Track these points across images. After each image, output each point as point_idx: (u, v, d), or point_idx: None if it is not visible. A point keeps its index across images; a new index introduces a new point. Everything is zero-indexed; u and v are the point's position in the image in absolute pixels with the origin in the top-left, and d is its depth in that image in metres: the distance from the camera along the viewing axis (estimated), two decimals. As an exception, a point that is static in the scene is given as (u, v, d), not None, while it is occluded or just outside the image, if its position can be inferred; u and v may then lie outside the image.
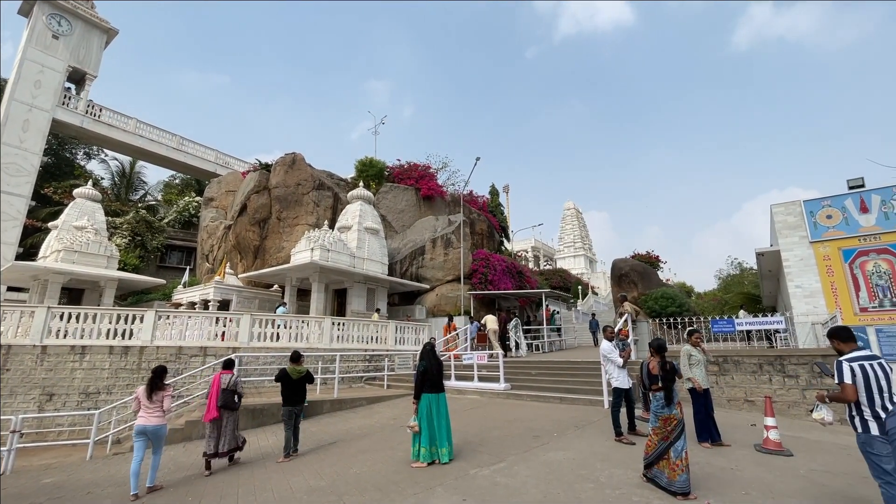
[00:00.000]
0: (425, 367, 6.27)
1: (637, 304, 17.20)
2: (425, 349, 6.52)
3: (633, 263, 22.87)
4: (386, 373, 13.76)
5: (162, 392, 6.15)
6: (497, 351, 14.19)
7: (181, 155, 31.75)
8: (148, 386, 6.15)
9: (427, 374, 6.22)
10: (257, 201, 21.20)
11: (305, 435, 8.40)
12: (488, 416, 8.96)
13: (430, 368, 6.26)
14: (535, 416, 8.54)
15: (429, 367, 6.27)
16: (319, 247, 16.74)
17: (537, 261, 60.24)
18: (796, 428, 7.58)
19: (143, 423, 6.00)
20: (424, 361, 6.33)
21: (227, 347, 12.41)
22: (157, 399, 6.09)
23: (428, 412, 6.12)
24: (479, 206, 27.42)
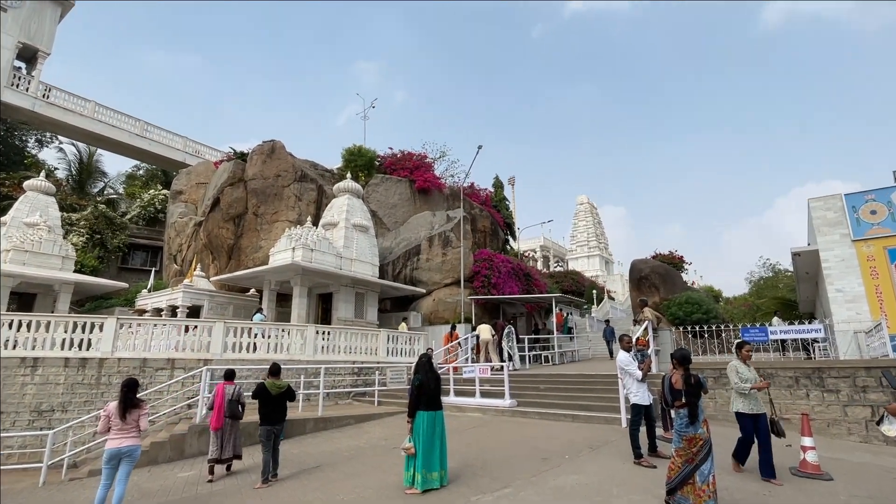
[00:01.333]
0: (421, 381, 6.24)
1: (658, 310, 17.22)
2: (421, 361, 6.52)
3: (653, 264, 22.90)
4: (377, 388, 13.76)
5: (137, 410, 6.04)
6: (498, 363, 14.20)
7: (146, 142, 31.70)
8: (121, 403, 5.96)
9: (423, 390, 6.21)
10: (232, 195, 21.18)
11: (286, 457, 8.38)
12: (492, 435, 8.96)
13: (427, 383, 6.24)
14: (544, 436, 8.53)
15: (424, 381, 6.24)
16: (301, 246, 16.73)
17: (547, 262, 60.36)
18: (836, 449, 7.60)
19: (116, 446, 5.83)
20: (420, 375, 6.31)
21: (198, 359, 12.39)
22: (131, 419, 5.95)
23: (424, 432, 6.09)
24: (481, 201, 27.44)
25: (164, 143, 32.72)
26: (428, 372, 6.35)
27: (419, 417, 6.13)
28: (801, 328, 10.89)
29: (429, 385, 6.24)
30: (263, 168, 21.47)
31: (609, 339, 19.34)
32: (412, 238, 22.30)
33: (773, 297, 26.70)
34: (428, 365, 6.46)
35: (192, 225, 23.78)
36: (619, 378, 8.09)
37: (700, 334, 12.06)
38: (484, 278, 21.11)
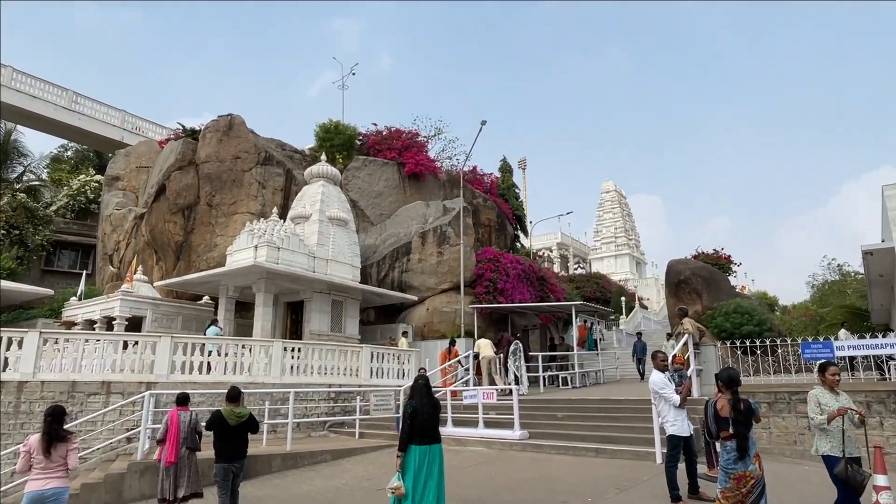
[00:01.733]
0: (415, 408, 6.20)
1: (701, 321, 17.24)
2: (417, 384, 6.53)
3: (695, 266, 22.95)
4: (358, 416, 13.74)
5: (65, 444, 5.93)
6: (504, 387, 14.21)
7: (74, 117, 31.55)
8: (45, 435, 5.77)
9: (417, 419, 6.16)
10: (180, 181, 21.12)
11: (247, 501, 8.35)
12: (499, 474, 8.97)
13: (422, 410, 6.20)
14: (563, 475, 8.55)
15: (419, 408, 6.19)
16: (266, 244, 16.70)
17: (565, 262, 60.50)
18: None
19: (38, 488, 5.68)
20: (414, 401, 6.29)
21: (139, 382, 12.32)
22: (57, 455, 5.81)
23: (417, 470, 6.05)
24: (485, 188, 27.45)
25: (97, 119, 32.56)
26: (424, 397, 6.32)
27: (412, 452, 6.08)
28: (874, 342, 10.91)
29: (424, 413, 6.20)
30: (219, 148, 21.41)
31: (640, 356, 19.37)
32: (401, 234, 22.28)
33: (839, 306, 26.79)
34: (425, 389, 6.44)
35: (131, 218, 23.68)
36: (653, 404, 8.11)
37: (751, 350, 12.08)
38: (489, 283, 21.12)
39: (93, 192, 31.84)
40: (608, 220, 64.70)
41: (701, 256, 29.59)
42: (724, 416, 5.22)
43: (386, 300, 21.16)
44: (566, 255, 61.50)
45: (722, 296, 20.97)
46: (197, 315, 19.81)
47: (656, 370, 7.64)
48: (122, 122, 33.93)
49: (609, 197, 66.17)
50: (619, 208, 64.95)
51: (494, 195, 27.82)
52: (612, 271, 56.88)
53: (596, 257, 63.51)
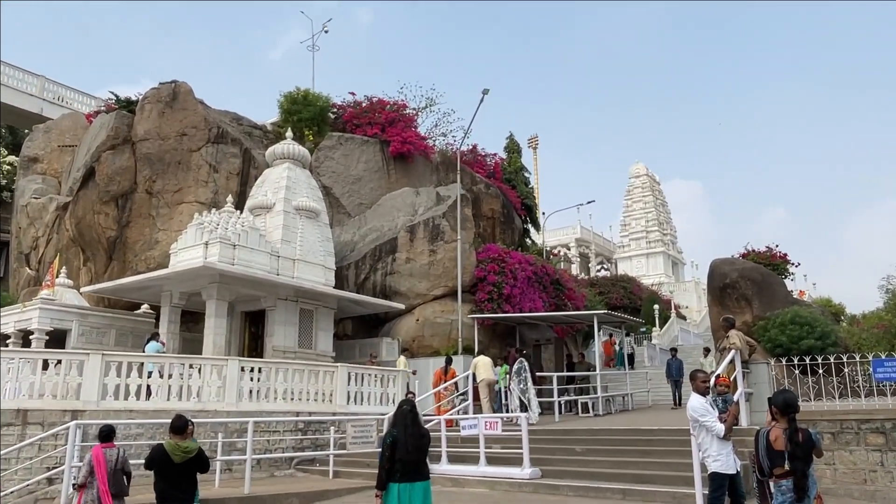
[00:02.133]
0: (395, 438, 6.32)
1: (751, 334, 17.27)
2: (401, 411, 6.61)
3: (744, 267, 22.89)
4: (332, 451, 13.73)
5: None
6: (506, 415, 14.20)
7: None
8: None
9: (398, 452, 6.25)
10: (113, 163, 21.00)
11: (196, 557, 8.31)
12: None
13: (404, 442, 6.29)
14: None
15: (401, 439, 6.29)
16: (218, 240, 16.63)
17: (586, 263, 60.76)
18: None
19: None
20: (396, 430, 6.40)
21: (63, 410, 12.25)
22: None
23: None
24: (488, 172, 27.45)
25: (9, 86, 32.29)
26: (409, 427, 6.41)
27: (391, 491, 6.19)
28: (962, 359, 10.97)
29: (407, 445, 6.28)
30: (161, 123, 21.29)
31: (675, 378, 19.36)
32: (385, 228, 22.24)
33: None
34: (410, 416, 6.53)
35: (53, 209, 23.50)
36: (692, 435, 8.09)
37: (812, 369, 12.09)
38: (492, 288, 21.11)
39: (5, 176, 31.61)
40: (638, 210, 64.90)
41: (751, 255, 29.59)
42: (779, 449, 5.25)
43: (366, 309, 21.11)
44: (587, 254, 61.71)
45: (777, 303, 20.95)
46: (134, 328, 19.70)
47: (696, 394, 7.61)
48: (41, 90, 33.68)
49: (639, 182, 66.39)
50: (651, 196, 65.18)
51: (499, 180, 27.80)
52: (644, 273, 57.16)
53: (623, 256, 63.73)
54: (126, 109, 22.45)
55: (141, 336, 19.09)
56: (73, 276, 21.17)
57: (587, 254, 61.73)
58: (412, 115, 26.72)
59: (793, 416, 5.37)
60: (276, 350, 17.69)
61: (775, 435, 5.34)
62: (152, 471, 7.26)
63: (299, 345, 18.40)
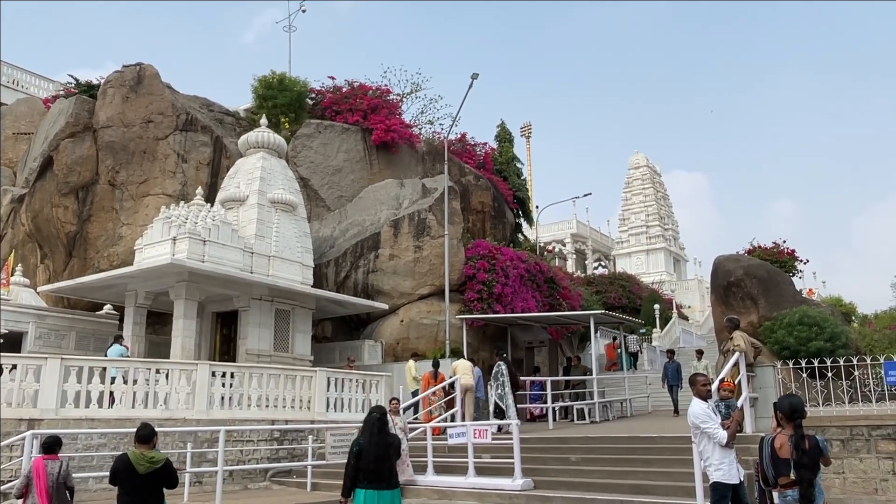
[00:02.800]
0: (360, 447, 6.92)
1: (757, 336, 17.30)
2: (370, 417, 7.21)
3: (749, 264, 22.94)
4: (310, 462, 13.69)
5: None
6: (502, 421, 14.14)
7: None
8: None
9: (361, 460, 6.82)
10: (73, 152, 20.86)
11: (158, 578, 8.14)
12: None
13: (368, 450, 6.85)
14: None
15: (366, 448, 6.87)
16: (187, 235, 16.52)
17: (582, 259, 60.90)
18: None
19: None
20: (362, 438, 7.01)
21: (19, 419, 12.16)
22: None
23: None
24: (478, 163, 27.43)
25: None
26: (374, 435, 6.97)
27: (357, 497, 6.76)
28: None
29: (370, 454, 6.84)
30: (125, 109, 21.14)
31: (672, 382, 19.31)
32: (367, 222, 22.20)
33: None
34: (378, 425, 7.08)
35: (7, 201, 23.42)
36: (694, 442, 8.05)
37: (821, 373, 12.09)
38: (482, 286, 21.09)
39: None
40: (638, 204, 65.19)
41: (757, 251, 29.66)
42: (784, 457, 5.31)
43: (347, 309, 21.10)
44: (583, 251, 61.82)
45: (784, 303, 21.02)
46: (95, 330, 19.61)
47: (697, 399, 7.58)
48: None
49: (639, 174, 66.69)
50: (651, 189, 65.48)
51: (490, 171, 27.82)
52: (644, 271, 57.50)
53: (622, 253, 64.05)
54: (87, 94, 22.32)
55: (103, 339, 19.04)
56: (30, 275, 21.05)
57: (583, 250, 61.82)
58: (396, 102, 26.65)
59: (799, 422, 5.40)
60: (249, 353, 17.60)
61: (780, 442, 5.38)
62: (115, 485, 7.17)
63: (275, 348, 18.32)
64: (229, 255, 17.33)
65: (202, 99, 24.35)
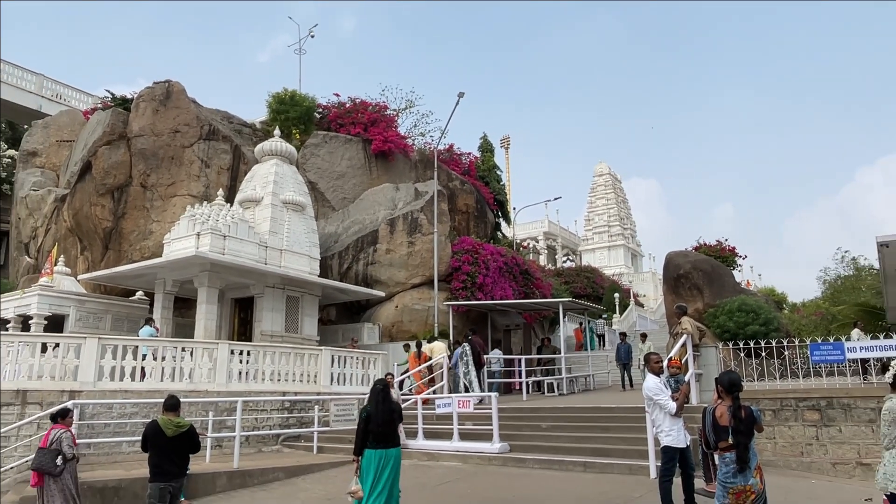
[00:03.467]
0: (368, 413, 7.06)
1: (702, 321, 17.61)
2: (374, 389, 7.30)
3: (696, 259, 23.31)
4: (316, 428, 13.76)
5: None
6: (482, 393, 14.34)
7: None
8: None
9: (370, 424, 6.99)
10: (109, 158, 20.70)
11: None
12: (475, 492, 9.06)
13: (375, 416, 7.01)
14: (547, 492, 8.68)
15: (373, 413, 7.02)
16: (210, 231, 16.51)
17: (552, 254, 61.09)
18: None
19: None
20: (369, 406, 7.15)
21: (61, 390, 12.14)
22: None
23: (371, 472, 6.85)
24: (463, 170, 27.47)
25: (9, 83, 31.63)
26: (380, 403, 7.12)
27: (367, 456, 6.95)
28: (889, 344, 11.27)
29: (378, 418, 7.01)
30: (155, 120, 21.02)
31: (624, 361, 19.22)
32: (367, 221, 22.21)
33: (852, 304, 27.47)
34: (382, 394, 7.20)
35: (51, 200, 23.16)
36: (647, 412, 8.28)
37: (756, 352, 12.38)
38: (466, 277, 21.22)
39: (5, 169, 31.05)
40: (601, 206, 65.37)
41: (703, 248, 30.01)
42: (724, 424, 5.37)
43: (349, 296, 21.09)
44: (554, 247, 62.05)
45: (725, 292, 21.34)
46: (129, 313, 19.49)
47: (651, 374, 7.78)
48: (40, 88, 33.02)
49: (602, 181, 66.83)
50: (613, 194, 65.63)
51: (473, 177, 27.84)
52: (605, 265, 57.56)
53: (587, 249, 64.18)
54: (121, 107, 22.11)
55: (135, 321, 18.90)
56: (71, 265, 20.89)
57: (554, 246, 62.07)
58: (393, 116, 26.62)
59: (737, 394, 5.47)
60: (263, 334, 17.61)
61: (721, 412, 5.45)
62: (146, 451, 7.29)
63: (286, 329, 18.33)
64: (246, 249, 17.38)
65: (223, 112, 24.18)
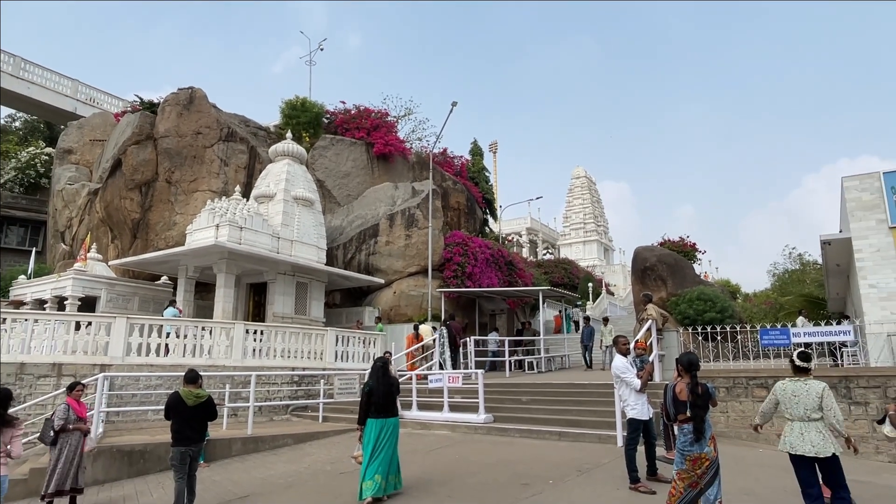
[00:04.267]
0: (371, 387, 7.17)
1: (665, 308, 17.69)
2: (375, 365, 7.41)
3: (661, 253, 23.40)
4: (321, 400, 13.81)
5: (10, 430, 5.56)
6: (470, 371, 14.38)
7: (22, 85, 30.31)
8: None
9: (372, 397, 7.12)
10: (137, 156, 20.58)
11: (205, 486, 8.29)
12: (462, 457, 9.09)
13: (377, 389, 7.13)
14: (526, 458, 8.72)
15: (375, 387, 7.14)
16: (228, 223, 16.45)
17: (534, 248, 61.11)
18: (863, 471, 8.03)
19: None
20: (371, 381, 7.24)
21: (93, 364, 12.17)
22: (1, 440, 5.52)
23: (372, 439, 6.99)
24: (455, 171, 27.42)
25: (47, 88, 31.36)
26: (381, 378, 7.23)
27: (369, 425, 7.08)
28: (829, 330, 11.39)
29: (379, 391, 7.13)
30: (179, 123, 20.90)
31: (586, 342, 19.03)
32: (369, 216, 22.17)
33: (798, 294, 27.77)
34: (382, 370, 7.31)
35: (85, 194, 23.02)
36: (615, 388, 8.30)
37: (713, 337, 12.46)
38: (457, 267, 21.24)
39: (43, 165, 30.76)
40: (578, 206, 65.36)
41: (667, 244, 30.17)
42: (683, 399, 5.44)
43: (352, 283, 21.10)
44: (535, 241, 62.06)
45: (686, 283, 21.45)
46: (154, 296, 19.50)
47: (619, 354, 7.81)
48: (75, 92, 32.71)
49: (579, 183, 66.80)
50: (588, 194, 65.62)
51: (464, 178, 27.83)
52: (581, 257, 57.62)
53: (565, 243, 64.22)
54: (149, 110, 21.95)
55: (160, 303, 18.92)
56: (102, 252, 20.82)
57: (535, 240, 62.09)
58: (393, 122, 26.53)
59: (695, 373, 5.56)
60: (275, 316, 17.63)
61: (680, 388, 5.52)
62: (168, 419, 7.26)
63: (295, 312, 18.34)
64: (260, 239, 17.33)
65: (240, 116, 24.04)
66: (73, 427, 7.82)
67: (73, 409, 7.89)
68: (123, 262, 18.60)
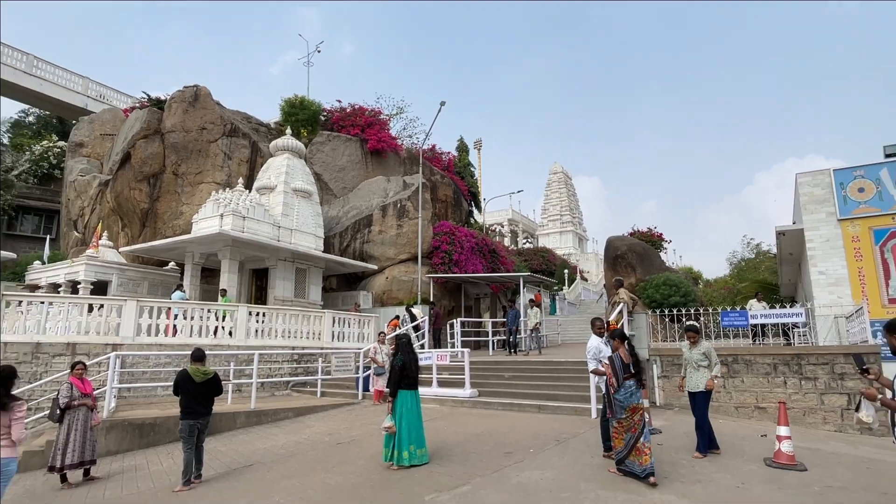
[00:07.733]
0: (404, 362, 7.17)
1: (635, 292, 17.84)
2: (402, 342, 7.45)
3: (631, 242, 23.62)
4: (320, 377, 13.79)
5: (8, 413, 5.05)
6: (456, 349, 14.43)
7: (35, 82, 29.62)
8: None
9: (405, 371, 7.11)
10: (146, 150, 20.23)
11: (212, 456, 8.27)
12: (450, 428, 9.12)
13: (409, 363, 7.16)
14: (508, 429, 8.77)
15: (408, 362, 7.17)
16: (231, 213, 16.26)
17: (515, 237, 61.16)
18: (812, 439, 8.19)
19: None
20: (402, 356, 7.26)
21: (105, 344, 12.09)
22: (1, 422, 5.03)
23: (409, 409, 7.02)
24: (443, 166, 27.32)
25: (59, 84, 30.68)
26: (409, 353, 7.30)
27: (402, 396, 7.07)
28: (782, 312, 11.54)
29: (411, 365, 7.20)
30: (185, 118, 20.56)
31: (510, 326, 17.31)
32: (363, 206, 22.05)
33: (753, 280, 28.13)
34: (408, 346, 7.39)
35: (96, 185, 22.64)
36: (589, 365, 8.34)
37: (678, 318, 12.59)
38: (444, 254, 21.22)
39: (56, 158, 30.19)
40: (555, 199, 65.53)
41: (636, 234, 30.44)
42: (627, 362, 6.24)
43: (348, 269, 21.02)
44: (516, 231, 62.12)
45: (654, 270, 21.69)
46: (163, 280, 19.30)
47: (594, 335, 7.87)
48: (86, 88, 32.03)
49: (556, 178, 66.89)
50: (564, 189, 65.77)
51: (451, 173, 27.75)
52: (557, 246, 57.87)
53: (543, 233, 64.41)
54: (156, 107, 21.57)
55: (168, 287, 18.78)
56: (113, 239, 20.54)
57: (516, 230, 62.12)
58: (386, 120, 26.36)
59: (629, 341, 6.54)
60: (276, 299, 17.54)
61: (623, 354, 6.30)
62: (176, 394, 7.24)
63: (295, 295, 18.26)
64: (262, 228, 17.18)
65: (243, 113, 23.71)
66: (78, 403, 7.77)
67: (76, 387, 7.83)
68: (133, 249, 18.36)
